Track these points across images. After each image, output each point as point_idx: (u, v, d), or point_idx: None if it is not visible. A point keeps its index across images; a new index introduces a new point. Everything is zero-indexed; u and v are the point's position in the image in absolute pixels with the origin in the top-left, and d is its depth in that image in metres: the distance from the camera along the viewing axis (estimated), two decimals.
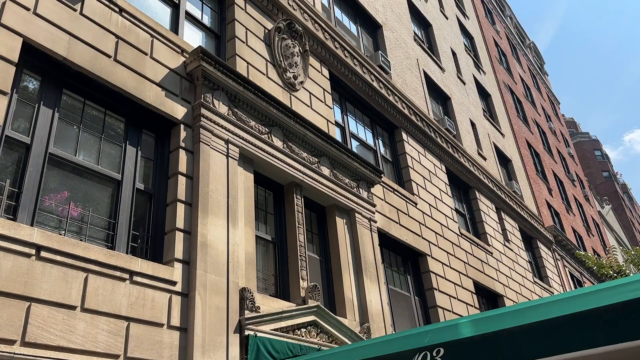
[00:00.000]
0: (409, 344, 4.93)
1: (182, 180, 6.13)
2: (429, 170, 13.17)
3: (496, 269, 14.38)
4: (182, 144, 6.34)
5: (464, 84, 19.19)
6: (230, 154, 6.84)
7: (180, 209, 5.96)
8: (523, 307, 4.80)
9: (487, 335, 4.42)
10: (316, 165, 8.47)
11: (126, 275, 5.06)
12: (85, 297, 4.64)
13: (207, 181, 6.34)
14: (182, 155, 6.27)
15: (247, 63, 8.09)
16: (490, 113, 21.61)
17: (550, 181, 25.46)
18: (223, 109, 7.02)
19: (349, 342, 7.34)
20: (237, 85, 7.24)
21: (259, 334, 6.09)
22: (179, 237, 5.79)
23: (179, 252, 5.71)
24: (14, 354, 3.95)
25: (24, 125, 5.12)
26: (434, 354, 4.64)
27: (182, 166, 6.20)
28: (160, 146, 6.40)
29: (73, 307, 4.51)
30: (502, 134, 21.31)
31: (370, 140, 11.68)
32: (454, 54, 19.43)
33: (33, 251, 4.40)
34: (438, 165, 13.83)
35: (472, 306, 12.09)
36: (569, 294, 4.75)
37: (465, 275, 12.50)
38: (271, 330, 6.34)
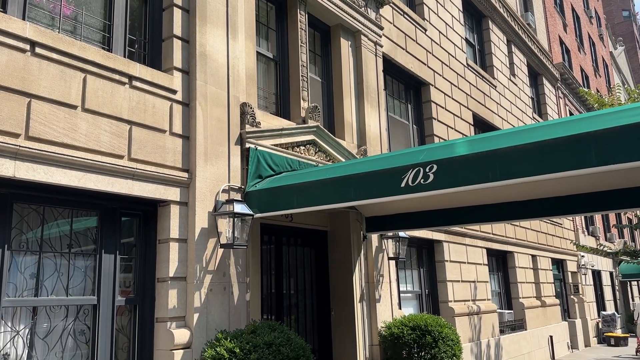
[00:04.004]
0: (404, 160, 5.07)
1: None
2: None
3: (497, 103, 14.35)
4: None
5: None
6: None
7: (177, 14, 5.66)
8: (519, 130, 4.85)
9: (481, 154, 4.51)
10: None
11: (125, 79, 4.99)
12: (85, 97, 4.63)
13: None
14: None
15: None
16: None
17: (567, 16, 24.17)
18: None
19: None
20: None
21: (259, 148, 6.25)
22: (177, 44, 5.60)
23: (177, 60, 5.58)
24: (19, 146, 4.06)
25: None
26: (427, 170, 4.80)
27: None
28: None
29: (74, 107, 4.53)
30: None
31: None
32: None
33: (27, 46, 4.27)
34: None
35: None
36: (567, 118, 4.76)
37: (465, 107, 12.51)
38: (271, 145, 6.50)
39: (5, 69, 4.11)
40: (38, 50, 4.34)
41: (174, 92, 5.47)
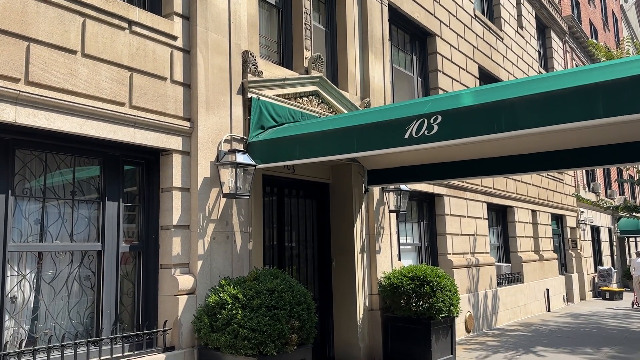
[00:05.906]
0: (408, 111, 5.01)
1: None
2: None
3: (504, 56, 14.09)
4: None
5: None
6: None
7: None
8: (526, 80, 4.77)
9: (487, 104, 4.45)
10: None
11: (125, 25, 4.87)
12: (85, 42, 4.53)
13: None
14: None
15: None
16: None
17: None
18: None
19: None
20: None
21: (261, 98, 6.17)
22: None
23: (177, 5, 5.43)
24: (20, 91, 4.01)
25: None
26: (431, 121, 4.74)
27: None
28: None
29: (73, 52, 4.44)
30: None
31: None
32: None
33: None
34: None
35: None
36: (574, 69, 4.67)
37: (472, 59, 12.28)
38: (273, 95, 6.42)
39: (3, 11, 4.00)
40: None
41: (175, 38, 5.36)
